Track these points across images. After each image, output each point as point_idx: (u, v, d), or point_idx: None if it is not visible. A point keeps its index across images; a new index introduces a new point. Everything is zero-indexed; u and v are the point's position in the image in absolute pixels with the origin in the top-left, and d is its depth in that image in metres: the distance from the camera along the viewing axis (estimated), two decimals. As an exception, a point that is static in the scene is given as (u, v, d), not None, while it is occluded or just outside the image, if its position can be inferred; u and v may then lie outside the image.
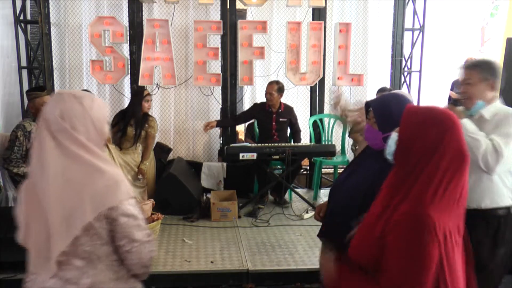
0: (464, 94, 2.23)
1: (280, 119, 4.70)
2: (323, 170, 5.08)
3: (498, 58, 5.96)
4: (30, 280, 1.40)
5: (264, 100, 4.73)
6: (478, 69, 2.19)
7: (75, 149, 1.32)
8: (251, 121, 5.11)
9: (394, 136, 1.37)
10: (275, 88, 4.58)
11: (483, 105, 2.17)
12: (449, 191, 1.23)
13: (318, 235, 2.08)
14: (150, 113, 4.46)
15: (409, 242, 1.20)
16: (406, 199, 1.24)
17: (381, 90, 4.54)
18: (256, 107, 4.88)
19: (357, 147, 4.49)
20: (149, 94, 4.36)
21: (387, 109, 1.76)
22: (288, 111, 4.78)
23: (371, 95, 4.70)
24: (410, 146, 1.27)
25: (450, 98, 5.48)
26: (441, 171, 1.22)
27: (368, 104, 1.86)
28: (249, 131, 5.35)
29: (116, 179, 1.35)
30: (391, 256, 1.23)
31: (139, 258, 1.40)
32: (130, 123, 4.21)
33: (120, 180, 1.36)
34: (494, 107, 2.18)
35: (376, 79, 5.39)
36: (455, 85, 5.60)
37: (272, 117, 4.68)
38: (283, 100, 4.82)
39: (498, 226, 2.14)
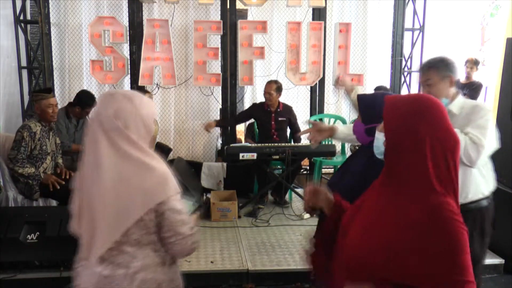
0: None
1: (279, 119, 4.70)
2: (323, 170, 5.08)
3: (498, 58, 5.96)
4: (80, 266, 1.50)
5: (264, 100, 4.73)
6: (435, 69, 2.22)
7: (127, 147, 1.41)
8: (251, 121, 5.11)
9: (380, 136, 1.33)
10: (274, 87, 4.58)
11: (448, 102, 2.19)
12: (451, 176, 1.21)
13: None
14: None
15: (446, 236, 1.15)
16: (415, 196, 1.20)
17: (378, 88, 4.55)
18: (255, 107, 4.88)
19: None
20: (148, 93, 4.32)
21: (371, 102, 1.80)
22: (287, 110, 4.78)
23: (371, 95, 4.71)
24: (399, 142, 1.22)
25: None
26: (440, 160, 1.19)
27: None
28: (249, 131, 5.36)
29: (165, 176, 1.44)
30: (422, 260, 1.16)
31: (182, 249, 1.51)
32: None
33: (168, 177, 1.45)
34: (458, 101, 2.20)
35: (376, 79, 5.39)
36: (458, 85, 5.60)
37: (271, 116, 4.69)
38: (284, 100, 4.82)
39: (483, 217, 2.18)
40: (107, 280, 1.44)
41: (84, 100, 4.21)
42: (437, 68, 2.22)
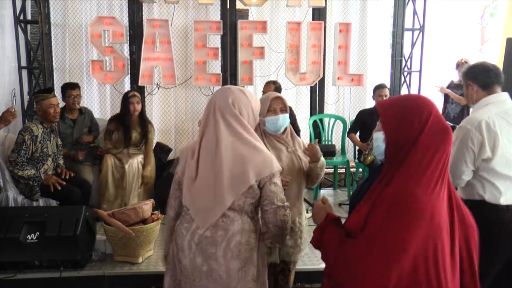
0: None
1: None
2: (323, 170, 5.07)
3: (498, 58, 5.96)
4: (184, 228, 1.76)
5: None
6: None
7: (241, 130, 1.70)
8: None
9: (378, 135, 1.40)
10: (272, 88, 4.55)
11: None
12: (444, 169, 1.28)
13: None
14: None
15: (394, 216, 1.25)
16: (392, 180, 1.29)
17: (378, 86, 4.54)
18: None
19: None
20: (134, 96, 4.16)
21: None
22: None
23: (371, 95, 4.71)
24: (397, 137, 1.31)
25: (446, 96, 5.46)
26: (435, 152, 1.27)
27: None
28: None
29: (270, 156, 1.72)
30: (373, 222, 1.28)
31: (274, 218, 1.73)
32: (131, 127, 4.16)
33: (272, 157, 1.73)
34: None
35: (376, 79, 5.39)
36: (451, 85, 5.59)
37: None
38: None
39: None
40: (208, 240, 1.69)
41: (64, 86, 4.20)
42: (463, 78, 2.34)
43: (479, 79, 2.26)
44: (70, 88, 4.15)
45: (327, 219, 1.52)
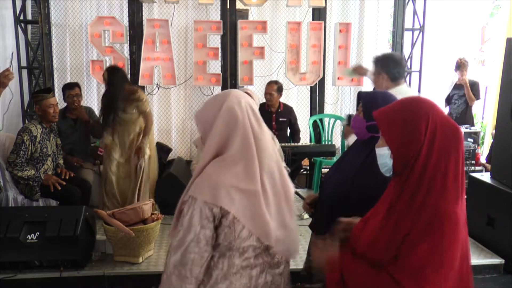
0: None
1: (280, 119, 4.70)
2: (323, 170, 5.08)
3: (498, 58, 5.96)
4: (258, 275, 1.38)
5: (264, 100, 4.73)
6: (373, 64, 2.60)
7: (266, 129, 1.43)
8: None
9: (382, 152, 1.26)
10: (275, 88, 4.58)
11: None
12: (459, 177, 1.17)
13: (310, 226, 2.11)
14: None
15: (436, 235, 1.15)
16: (415, 198, 1.17)
17: None
18: None
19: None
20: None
21: (373, 99, 1.82)
22: (288, 111, 4.78)
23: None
24: (406, 149, 1.17)
25: (448, 97, 5.46)
26: (450, 162, 1.16)
27: (359, 96, 1.93)
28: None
29: None
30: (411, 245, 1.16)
31: None
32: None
33: None
34: None
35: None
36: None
37: (272, 117, 4.68)
38: (284, 100, 4.81)
39: None
40: (280, 279, 1.41)
41: (63, 87, 4.21)
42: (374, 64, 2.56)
43: (391, 71, 2.44)
44: (68, 88, 4.14)
45: (344, 259, 1.27)
